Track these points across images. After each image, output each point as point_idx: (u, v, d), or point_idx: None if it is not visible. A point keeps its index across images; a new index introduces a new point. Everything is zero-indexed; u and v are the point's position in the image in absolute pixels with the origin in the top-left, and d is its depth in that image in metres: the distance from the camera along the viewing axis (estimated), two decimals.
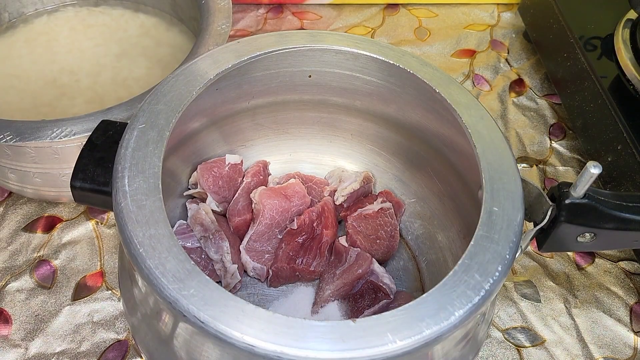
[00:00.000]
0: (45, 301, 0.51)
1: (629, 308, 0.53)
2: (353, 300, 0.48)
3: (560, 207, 0.37)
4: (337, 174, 0.55)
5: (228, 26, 0.56)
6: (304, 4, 0.80)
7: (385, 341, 0.31)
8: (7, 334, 0.49)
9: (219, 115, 0.50)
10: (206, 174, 0.50)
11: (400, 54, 0.46)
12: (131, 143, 0.38)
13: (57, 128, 0.46)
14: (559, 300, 0.53)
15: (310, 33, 0.47)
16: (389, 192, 0.54)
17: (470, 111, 0.42)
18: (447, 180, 0.49)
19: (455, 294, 0.33)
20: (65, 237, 0.55)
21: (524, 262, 0.56)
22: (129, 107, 0.48)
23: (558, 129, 0.67)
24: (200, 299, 0.31)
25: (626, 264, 0.56)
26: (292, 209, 0.51)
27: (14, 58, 0.64)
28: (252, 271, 0.50)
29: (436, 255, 0.51)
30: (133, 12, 0.70)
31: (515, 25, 0.79)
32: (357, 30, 0.78)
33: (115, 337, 0.49)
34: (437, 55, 0.75)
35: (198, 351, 0.35)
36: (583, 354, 0.50)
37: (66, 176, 0.50)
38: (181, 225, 0.50)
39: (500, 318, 0.52)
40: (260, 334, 0.30)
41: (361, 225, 0.51)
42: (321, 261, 0.50)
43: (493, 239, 0.35)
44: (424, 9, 0.81)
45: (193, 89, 0.42)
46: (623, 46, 0.59)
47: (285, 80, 0.49)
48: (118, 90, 0.61)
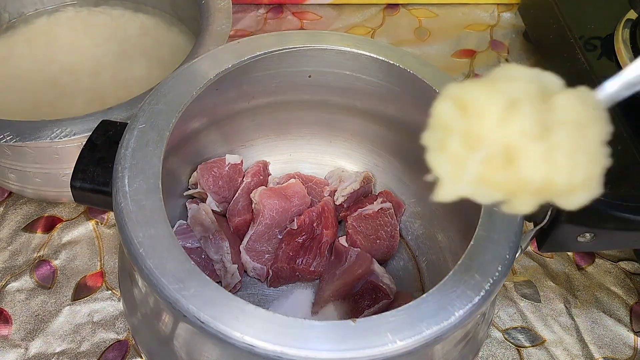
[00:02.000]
0: (45, 301, 0.51)
1: (629, 308, 0.53)
2: (353, 301, 0.48)
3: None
4: (337, 174, 0.55)
5: (228, 26, 0.56)
6: (304, 4, 0.80)
7: (385, 341, 0.31)
8: (7, 334, 0.49)
9: (219, 115, 0.50)
10: (206, 174, 0.50)
11: (400, 54, 0.46)
12: (131, 143, 0.38)
13: (57, 128, 0.46)
14: (559, 300, 0.53)
15: (310, 33, 0.47)
16: (389, 192, 0.54)
17: None
18: None
19: (455, 294, 0.33)
20: (65, 237, 0.55)
21: (524, 262, 0.56)
22: (129, 107, 0.48)
23: None
24: (200, 299, 0.31)
25: (626, 264, 0.56)
26: (292, 209, 0.51)
27: (14, 58, 0.64)
28: (252, 271, 0.50)
29: (436, 255, 0.51)
30: (133, 12, 0.70)
31: (515, 25, 0.79)
32: (357, 30, 0.78)
33: (115, 337, 0.49)
34: (437, 55, 0.75)
35: (198, 351, 0.35)
36: (583, 354, 0.50)
37: (66, 176, 0.50)
38: (181, 225, 0.50)
39: (500, 318, 0.52)
40: (260, 334, 0.30)
41: (361, 225, 0.51)
42: (321, 261, 0.50)
43: (493, 239, 0.35)
44: (424, 9, 0.81)
45: (193, 89, 0.42)
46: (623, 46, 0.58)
47: (285, 80, 0.49)
48: (118, 90, 0.61)
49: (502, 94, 0.22)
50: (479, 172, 0.22)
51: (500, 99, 0.21)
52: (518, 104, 0.21)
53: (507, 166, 0.21)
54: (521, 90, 0.22)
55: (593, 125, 0.22)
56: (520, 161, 0.21)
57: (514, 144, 0.21)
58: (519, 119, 0.21)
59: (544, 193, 0.22)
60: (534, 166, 0.21)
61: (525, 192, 0.22)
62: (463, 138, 0.22)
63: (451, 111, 0.23)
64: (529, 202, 0.22)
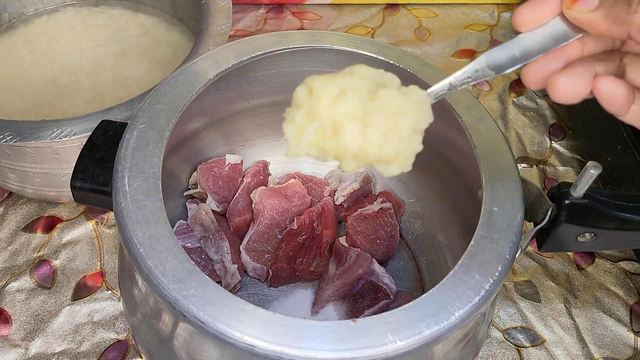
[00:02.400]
0: (45, 301, 0.51)
1: (629, 308, 0.53)
2: (353, 301, 0.48)
3: (560, 207, 0.37)
4: (337, 174, 0.55)
5: (228, 26, 0.56)
6: (304, 4, 0.80)
7: (385, 341, 0.31)
8: (7, 334, 0.49)
9: (219, 115, 0.50)
10: (206, 174, 0.50)
11: (400, 54, 0.46)
12: (131, 143, 0.38)
13: (57, 128, 0.46)
14: (559, 300, 0.53)
15: (310, 33, 0.47)
16: (389, 192, 0.54)
17: (470, 111, 0.42)
18: (447, 180, 0.49)
19: (455, 294, 0.33)
20: (65, 237, 0.55)
21: (524, 262, 0.56)
22: (129, 107, 0.48)
23: (558, 129, 0.67)
24: (200, 299, 0.31)
25: (626, 264, 0.56)
26: (292, 209, 0.51)
27: (14, 58, 0.64)
28: (252, 271, 0.50)
29: (436, 255, 0.51)
30: (133, 12, 0.70)
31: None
32: (357, 30, 0.78)
33: (115, 337, 0.49)
34: (437, 55, 0.75)
35: (198, 351, 0.35)
36: (583, 354, 0.50)
37: (66, 176, 0.50)
38: (181, 225, 0.50)
39: (500, 318, 0.52)
40: (260, 334, 0.30)
41: (361, 225, 0.51)
42: (321, 261, 0.50)
43: (493, 239, 0.35)
44: (424, 9, 0.81)
45: (193, 89, 0.42)
46: None
47: (285, 80, 0.49)
48: (118, 90, 0.61)
49: (338, 84, 0.29)
50: (313, 139, 0.29)
51: (334, 88, 0.29)
52: (347, 92, 0.29)
53: (334, 136, 0.29)
54: (352, 83, 0.29)
55: (407, 115, 0.29)
56: (342, 133, 0.29)
57: (339, 120, 0.28)
58: (344, 103, 0.28)
59: (361, 158, 0.29)
60: (351, 138, 0.29)
61: (347, 156, 0.29)
62: (306, 113, 0.29)
63: (303, 94, 0.29)
64: (352, 164, 0.29)
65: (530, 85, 0.30)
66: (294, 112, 0.30)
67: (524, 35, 0.29)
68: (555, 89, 0.29)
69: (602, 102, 0.29)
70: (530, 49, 0.29)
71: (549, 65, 0.29)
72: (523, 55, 0.29)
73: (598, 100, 0.29)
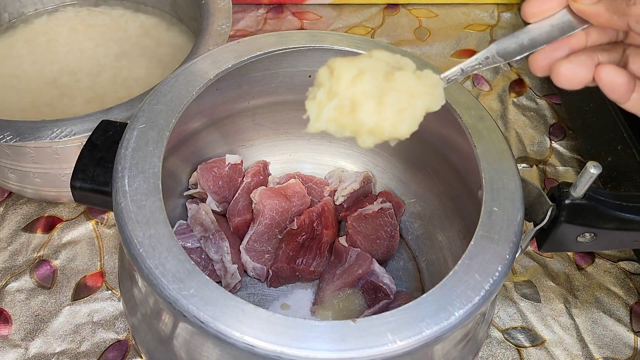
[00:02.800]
0: (45, 301, 0.51)
1: (629, 308, 0.53)
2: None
3: (560, 207, 0.37)
4: (337, 174, 0.55)
5: (228, 26, 0.56)
6: (304, 4, 0.80)
7: (385, 341, 0.31)
8: (7, 334, 0.49)
9: (219, 115, 0.50)
10: (206, 174, 0.50)
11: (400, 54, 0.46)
12: (131, 143, 0.38)
13: (57, 128, 0.46)
14: (559, 300, 0.53)
15: (310, 33, 0.47)
16: (389, 192, 0.54)
17: (470, 111, 0.42)
18: (447, 180, 0.49)
19: (455, 294, 0.33)
20: (65, 237, 0.55)
21: (524, 262, 0.56)
22: (129, 107, 0.48)
23: (558, 129, 0.67)
24: (200, 299, 0.31)
25: (626, 264, 0.56)
26: (292, 209, 0.51)
27: (14, 58, 0.64)
28: (252, 271, 0.50)
29: (436, 255, 0.51)
30: (133, 12, 0.70)
31: (515, 25, 0.79)
32: (357, 30, 0.78)
33: (115, 337, 0.49)
34: (437, 55, 0.75)
35: (198, 351, 0.35)
36: (583, 354, 0.50)
37: (66, 176, 0.50)
38: (181, 225, 0.50)
39: (500, 318, 0.52)
40: (260, 334, 0.30)
41: (361, 226, 0.51)
42: (321, 261, 0.50)
43: (493, 239, 0.35)
44: (424, 9, 0.81)
45: (193, 89, 0.42)
46: None
47: (285, 80, 0.49)
48: (118, 90, 0.61)
49: (357, 66, 0.31)
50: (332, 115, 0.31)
51: (353, 69, 0.31)
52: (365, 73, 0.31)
53: (351, 113, 0.31)
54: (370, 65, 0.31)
55: (421, 96, 0.31)
56: (359, 111, 0.31)
57: (357, 99, 0.31)
58: (362, 83, 0.31)
59: (377, 134, 0.31)
60: (367, 115, 0.31)
61: (363, 132, 0.31)
62: (327, 92, 0.31)
63: (325, 74, 0.31)
64: (368, 140, 0.32)
65: (536, 72, 0.32)
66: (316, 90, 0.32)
67: (532, 26, 0.31)
68: (559, 74, 0.31)
69: (604, 89, 0.30)
70: (537, 38, 0.31)
71: (555, 53, 0.31)
72: (531, 44, 0.31)
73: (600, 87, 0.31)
